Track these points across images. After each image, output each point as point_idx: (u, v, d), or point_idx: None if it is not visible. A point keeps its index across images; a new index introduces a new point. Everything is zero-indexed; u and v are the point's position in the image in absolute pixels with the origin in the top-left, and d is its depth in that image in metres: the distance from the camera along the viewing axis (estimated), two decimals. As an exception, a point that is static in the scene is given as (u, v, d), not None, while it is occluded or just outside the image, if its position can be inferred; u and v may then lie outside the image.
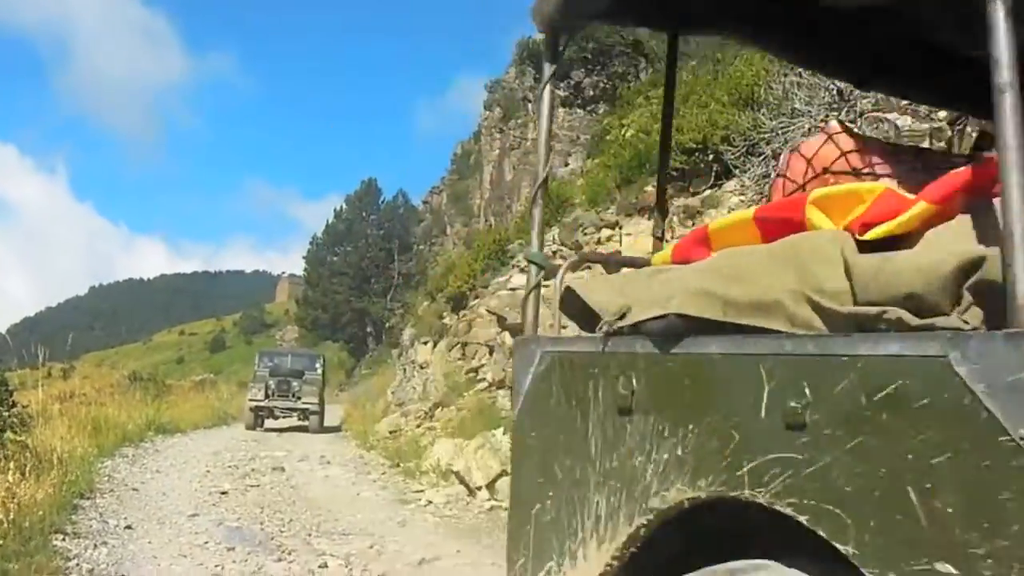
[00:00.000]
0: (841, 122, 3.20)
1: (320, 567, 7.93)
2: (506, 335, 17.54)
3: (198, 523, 9.58)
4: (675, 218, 13.85)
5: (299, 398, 26.92)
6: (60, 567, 6.82)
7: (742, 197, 11.03)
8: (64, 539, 7.84)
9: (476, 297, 20.85)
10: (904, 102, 9.09)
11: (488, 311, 19.07)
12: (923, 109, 8.97)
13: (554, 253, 17.11)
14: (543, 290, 3.20)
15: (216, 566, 7.70)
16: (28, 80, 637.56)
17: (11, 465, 8.37)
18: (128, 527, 8.99)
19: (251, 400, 26.73)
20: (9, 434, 10.03)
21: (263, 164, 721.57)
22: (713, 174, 13.00)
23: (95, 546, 7.87)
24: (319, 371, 29.05)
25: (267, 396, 26.73)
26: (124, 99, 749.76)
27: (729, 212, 11.89)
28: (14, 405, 11.25)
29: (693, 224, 13.15)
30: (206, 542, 8.65)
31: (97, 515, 9.32)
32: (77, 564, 7.10)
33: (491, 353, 19.01)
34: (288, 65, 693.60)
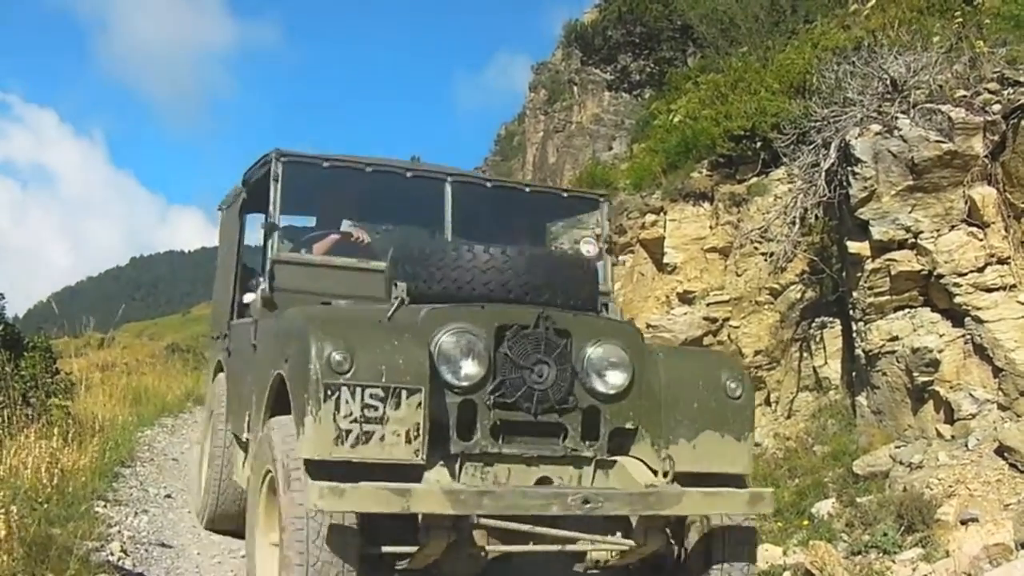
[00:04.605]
0: None
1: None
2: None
3: (237, 495, 9.65)
4: (720, 205, 13.75)
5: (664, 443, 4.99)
6: (103, 533, 6.87)
7: (790, 185, 10.92)
8: (106, 506, 7.89)
9: (517, 278, 20.76)
10: (960, 93, 8.97)
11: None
12: (978, 101, 8.83)
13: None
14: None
15: (255, 538, 7.75)
16: (67, 45, 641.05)
17: (55, 431, 8.43)
18: (168, 496, 9.06)
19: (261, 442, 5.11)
20: (54, 400, 10.12)
21: (302, 135, 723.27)
22: (760, 161, 12.88)
23: (136, 514, 7.92)
24: None
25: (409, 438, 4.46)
26: (165, 66, 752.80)
27: (775, 200, 11.79)
28: (57, 372, 11.36)
29: (739, 211, 13.06)
30: (245, 514, 8.71)
31: (138, 483, 9.39)
32: (119, 531, 7.15)
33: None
34: (332, 35, 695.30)
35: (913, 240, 8.67)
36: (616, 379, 5.03)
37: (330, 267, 6.45)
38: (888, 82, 9.24)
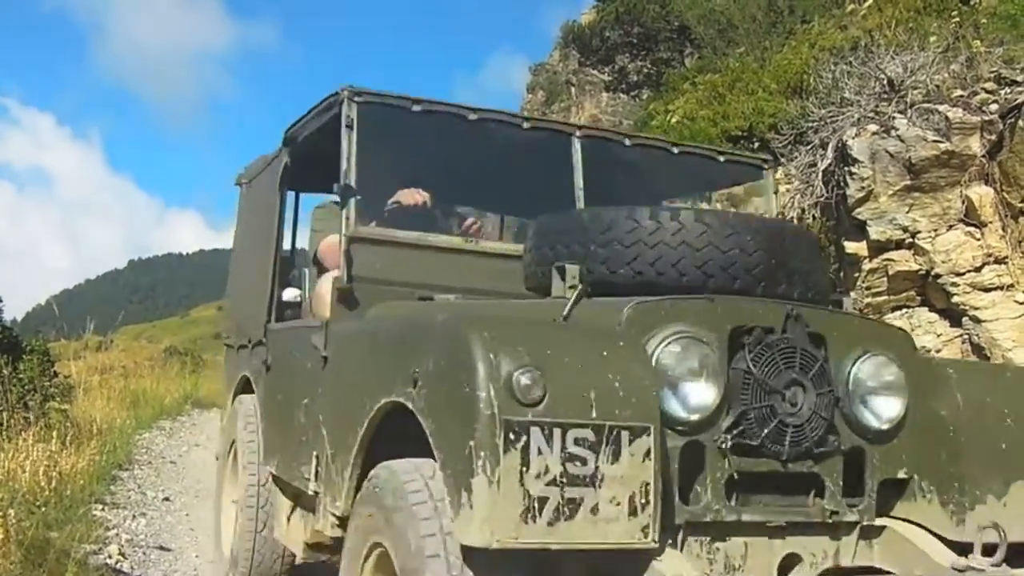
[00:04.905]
0: None
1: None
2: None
3: (235, 497, 9.63)
4: (718, 205, 13.73)
5: None
6: (101, 536, 6.87)
7: (788, 186, 10.91)
8: (104, 509, 7.89)
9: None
10: (957, 93, 8.96)
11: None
12: (975, 101, 8.82)
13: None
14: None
15: (253, 540, 7.73)
16: (65, 47, 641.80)
17: (53, 434, 8.42)
18: (166, 499, 9.05)
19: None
20: (52, 403, 10.10)
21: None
22: (758, 162, 12.87)
23: (134, 516, 7.92)
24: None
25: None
26: (163, 67, 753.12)
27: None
28: (56, 375, 11.34)
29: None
30: (243, 516, 8.69)
31: (136, 486, 9.38)
32: (116, 534, 7.14)
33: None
34: (330, 35, 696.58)
35: (911, 240, 8.66)
36: (891, 408, 3.36)
37: (429, 248, 4.57)
38: (885, 82, 9.23)
